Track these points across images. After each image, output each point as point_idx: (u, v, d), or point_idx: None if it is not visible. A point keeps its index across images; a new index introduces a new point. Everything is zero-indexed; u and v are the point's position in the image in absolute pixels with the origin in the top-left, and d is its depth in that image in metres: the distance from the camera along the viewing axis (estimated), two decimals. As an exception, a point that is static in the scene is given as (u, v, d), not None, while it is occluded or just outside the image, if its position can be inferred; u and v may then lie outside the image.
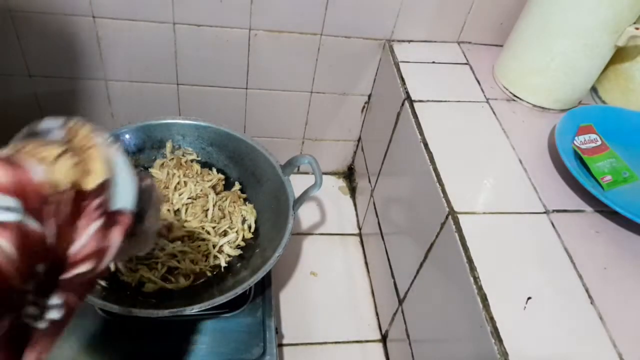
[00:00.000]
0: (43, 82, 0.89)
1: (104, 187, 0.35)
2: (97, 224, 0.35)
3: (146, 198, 0.43)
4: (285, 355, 0.85)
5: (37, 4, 0.78)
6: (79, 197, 0.34)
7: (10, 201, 0.29)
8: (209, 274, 0.73)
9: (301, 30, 0.86)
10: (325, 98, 0.99)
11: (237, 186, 0.83)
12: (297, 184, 0.77)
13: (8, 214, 0.29)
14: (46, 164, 0.32)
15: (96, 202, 0.35)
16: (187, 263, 0.72)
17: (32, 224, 0.30)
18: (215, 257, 0.74)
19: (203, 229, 0.76)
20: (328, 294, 0.94)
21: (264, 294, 0.77)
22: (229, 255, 0.75)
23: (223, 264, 0.73)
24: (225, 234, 0.77)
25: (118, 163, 0.37)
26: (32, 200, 0.30)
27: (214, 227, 0.76)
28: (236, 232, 0.77)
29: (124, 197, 0.37)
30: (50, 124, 0.37)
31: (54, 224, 0.31)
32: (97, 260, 0.35)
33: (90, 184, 0.34)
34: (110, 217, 0.36)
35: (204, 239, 0.75)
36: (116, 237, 0.36)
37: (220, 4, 0.81)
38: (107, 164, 0.36)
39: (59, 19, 0.80)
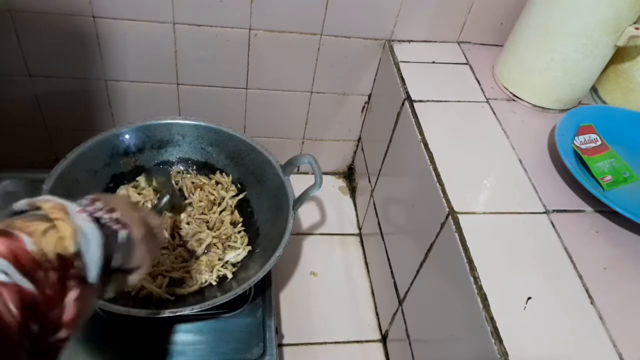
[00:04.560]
0: (43, 82, 0.89)
1: (76, 257, 0.38)
2: (75, 293, 0.38)
3: (125, 250, 0.45)
4: (285, 355, 0.85)
5: (37, 4, 0.78)
6: (63, 267, 0.37)
7: (5, 265, 0.33)
8: (214, 283, 0.73)
9: (301, 30, 0.86)
10: (325, 98, 0.99)
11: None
12: (297, 184, 0.77)
13: (4, 276, 0.33)
14: (35, 237, 0.36)
15: (72, 272, 0.38)
16: (195, 274, 0.72)
17: (27, 285, 0.34)
18: (220, 269, 0.74)
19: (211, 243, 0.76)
20: (328, 294, 0.94)
21: (264, 294, 0.77)
22: (233, 265, 0.75)
23: (229, 275, 0.73)
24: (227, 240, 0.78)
25: (86, 233, 0.40)
26: (26, 265, 0.34)
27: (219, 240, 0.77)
28: (240, 244, 0.78)
29: (92, 268, 0.40)
30: (22, 205, 0.40)
31: (44, 289, 0.35)
32: (73, 326, 0.38)
33: (67, 254, 0.38)
34: (83, 286, 0.39)
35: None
36: (84, 304, 0.39)
37: (220, 4, 0.81)
38: (78, 236, 0.39)
39: (59, 19, 0.80)
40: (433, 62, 0.87)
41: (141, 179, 0.81)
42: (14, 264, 0.33)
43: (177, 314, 0.62)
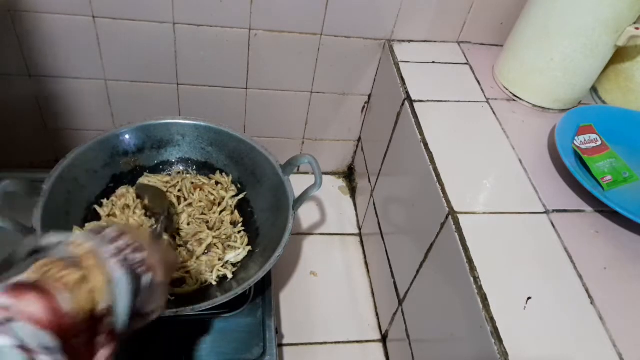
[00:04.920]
0: (43, 82, 0.89)
1: (108, 311, 0.37)
2: (106, 351, 0.36)
3: (147, 294, 0.43)
4: (285, 355, 0.85)
5: (37, 4, 0.78)
6: (94, 324, 0.35)
7: (50, 340, 0.31)
8: (214, 283, 0.73)
9: (301, 30, 0.86)
10: (325, 98, 0.99)
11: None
12: (297, 184, 0.77)
13: (49, 357, 0.30)
14: (69, 290, 0.34)
15: (103, 327, 0.36)
16: (195, 274, 0.72)
17: None
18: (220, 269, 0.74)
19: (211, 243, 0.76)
20: (328, 294, 0.94)
21: (264, 294, 0.77)
22: (233, 265, 0.75)
23: (229, 275, 0.73)
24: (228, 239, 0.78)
25: (118, 282, 0.39)
26: (65, 334, 0.32)
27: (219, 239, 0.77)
28: (240, 244, 0.77)
29: (121, 319, 0.39)
30: (53, 239, 0.39)
31: (75, 356, 0.33)
32: None
33: (99, 309, 0.36)
34: (113, 339, 0.37)
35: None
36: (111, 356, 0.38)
37: (220, 4, 0.81)
38: (110, 286, 0.37)
39: (59, 19, 0.80)
40: (433, 62, 0.87)
41: (125, 193, 0.78)
42: (57, 335, 0.31)
43: (177, 314, 0.62)
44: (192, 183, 0.82)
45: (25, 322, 0.31)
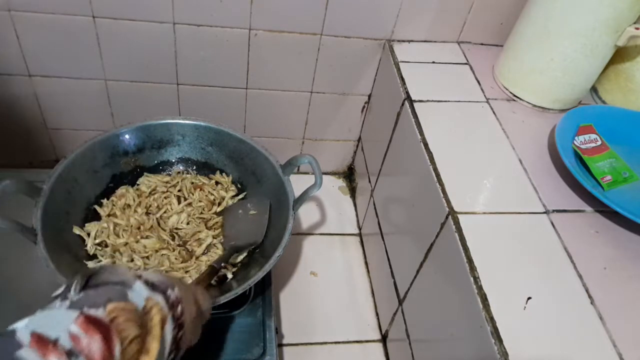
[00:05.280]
0: (43, 82, 0.89)
1: None
2: None
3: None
4: (285, 355, 0.85)
5: (37, 4, 0.78)
6: None
7: None
8: (214, 283, 0.72)
9: (301, 30, 0.86)
10: (325, 98, 0.99)
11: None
12: (297, 184, 0.77)
13: None
14: (122, 344, 0.36)
15: None
16: (195, 274, 0.72)
17: None
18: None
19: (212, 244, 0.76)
20: (328, 294, 0.95)
21: (264, 294, 0.77)
22: (233, 265, 0.75)
23: (229, 275, 0.73)
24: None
25: (164, 355, 0.41)
26: None
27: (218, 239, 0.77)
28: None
29: None
30: (139, 290, 0.42)
31: None
32: None
33: None
34: None
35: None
36: None
37: (220, 4, 0.81)
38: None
39: (59, 18, 0.80)
40: (433, 62, 0.87)
41: (125, 193, 0.78)
42: None
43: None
44: (192, 183, 0.82)
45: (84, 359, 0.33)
